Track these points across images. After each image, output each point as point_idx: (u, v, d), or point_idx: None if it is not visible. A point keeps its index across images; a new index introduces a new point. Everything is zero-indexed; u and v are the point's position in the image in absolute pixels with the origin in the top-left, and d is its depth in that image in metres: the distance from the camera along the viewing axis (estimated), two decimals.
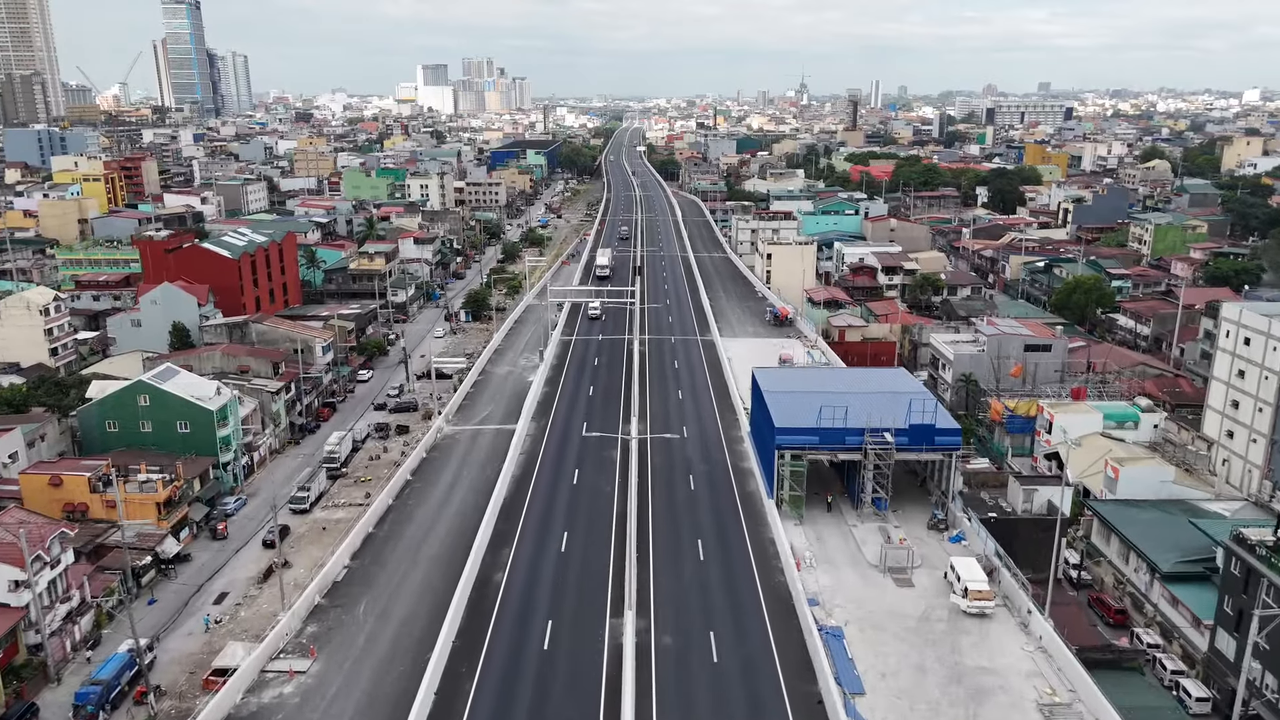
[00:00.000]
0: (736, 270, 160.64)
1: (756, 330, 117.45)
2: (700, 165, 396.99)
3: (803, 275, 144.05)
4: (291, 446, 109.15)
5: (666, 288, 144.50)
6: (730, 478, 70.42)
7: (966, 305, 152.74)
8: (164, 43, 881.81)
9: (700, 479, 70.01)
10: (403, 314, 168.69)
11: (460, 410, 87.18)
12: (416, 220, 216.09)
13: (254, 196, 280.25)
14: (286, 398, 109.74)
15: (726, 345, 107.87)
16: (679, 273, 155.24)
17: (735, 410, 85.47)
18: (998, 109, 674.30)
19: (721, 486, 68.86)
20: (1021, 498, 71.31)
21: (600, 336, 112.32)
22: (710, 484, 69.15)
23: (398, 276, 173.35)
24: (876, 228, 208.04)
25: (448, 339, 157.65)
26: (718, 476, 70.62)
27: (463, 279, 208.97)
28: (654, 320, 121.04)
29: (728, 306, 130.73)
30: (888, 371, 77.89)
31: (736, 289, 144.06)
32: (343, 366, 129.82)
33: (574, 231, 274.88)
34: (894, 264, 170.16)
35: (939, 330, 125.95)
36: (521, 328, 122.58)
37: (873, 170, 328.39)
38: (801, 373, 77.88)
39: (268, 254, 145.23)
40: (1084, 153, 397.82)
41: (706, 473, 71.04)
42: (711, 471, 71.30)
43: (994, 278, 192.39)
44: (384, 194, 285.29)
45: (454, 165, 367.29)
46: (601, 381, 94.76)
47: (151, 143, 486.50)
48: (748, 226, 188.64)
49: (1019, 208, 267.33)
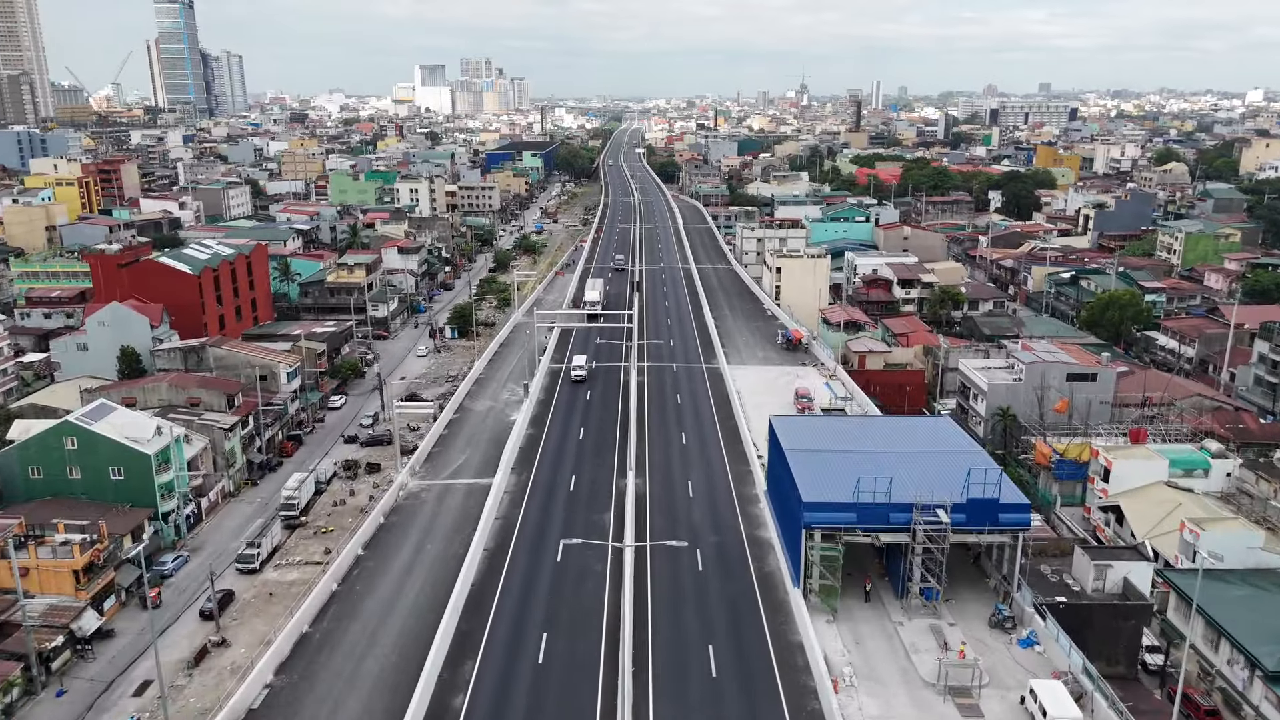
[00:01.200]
0: (743, 285, 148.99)
1: (767, 355, 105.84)
2: (701, 168, 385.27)
3: (816, 292, 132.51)
4: (248, 489, 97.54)
5: (667, 304, 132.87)
6: (745, 552, 58.85)
7: (991, 323, 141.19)
8: (156, 42, 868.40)
9: (710, 554, 58.39)
10: (384, 330, 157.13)
11: (430, 459, 75.49)
12: (403, 227, 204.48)
13: (236, 201, 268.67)
14: (243, 433, 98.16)
15: (734, 374, 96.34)
16: (681, 288, 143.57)
17: (747, 458, 73.92)
18: (1002, 110, 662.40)
19: (735, 565, 57.31)
20: (1092, 575, 59.85)
21: (594, 364, 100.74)
22: (722, 562, 57.56)
23: (379, 289, 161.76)
24: (889, 236, 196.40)
25: (430, 358, 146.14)
26: (730, 550, 59.03)
27: (451, 290, 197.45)
28: (654, 345, 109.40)
29: (734, 327, 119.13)
30: (929, 422, 66.23)
31: (743, 306, 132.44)
32: (312, 393, 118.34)
33: (570, 237, 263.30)
34: (911, 276, 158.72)
35: (967, 354, 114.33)
36: (508, 351, 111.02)
37: (880, 173, 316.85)
38: (827, 423, 66.29)
39: (234, 268, 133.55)
40: (1096, 155, 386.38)
41: (717, 546, 59.39)
42: (723, 544, 59.68)
43: (1015, 290, 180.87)
44: (372, 198, 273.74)
45: (447, 168, 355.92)
46: (594, 421, 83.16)
47: (138, 144, 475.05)
48: (753, 236, 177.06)
49: (1034, 213, 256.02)
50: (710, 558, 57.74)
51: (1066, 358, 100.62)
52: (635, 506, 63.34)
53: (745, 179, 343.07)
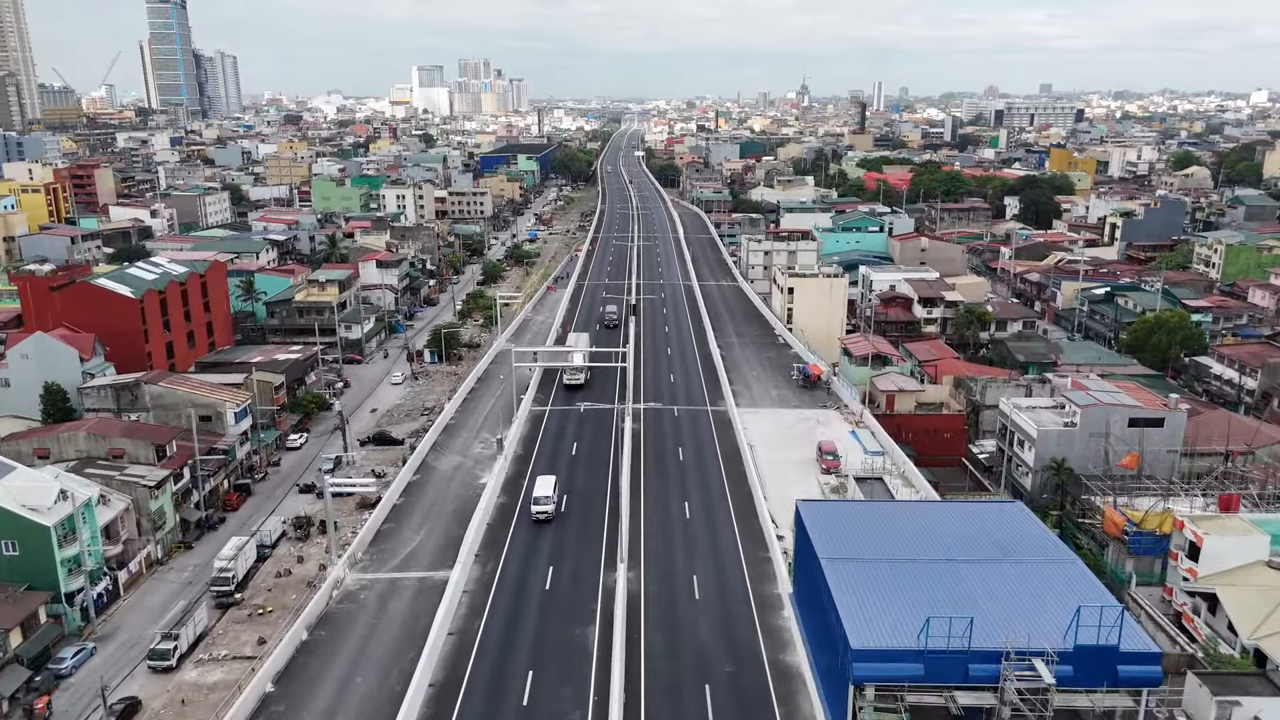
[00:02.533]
0: (750, 305, 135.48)
1: (782, 394, 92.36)
2: (702, 171, 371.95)
3: (833, 315, 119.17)
4: (181, 553, 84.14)
5: (668, 330, 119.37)
6: (769, 690, 45.38)
7: (1025, 348, 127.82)
8: (149, 43, 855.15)
9: (722, 695, 44.92)
10: (357, 353, 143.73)
11: (379, 540, 62.02)
12: (384, 238, 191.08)
13: (214, 208, 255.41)
14: (176, 488, 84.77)
15: (745, 420, 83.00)
16: (682, 310, 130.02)
17: (765, 540, 60.54)
18: (1008, 111, 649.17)
19: (756, 711, 43.86)
20: (1214, 713, 46.65)
21: (582, 407, 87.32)
22: (740, 708, 44.09)
23: (352, 309, 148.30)
24: (905, 247, 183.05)
25: (406, 386, 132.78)
26: (749, 688, 45.49)
27: (436, 305, 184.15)
28: (652, 381, 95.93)
29: (743, 357, 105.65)
30: (995, 510, 52.36)
31: (751, 332, 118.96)
32: (267, 432, 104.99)
33: (565, 246, 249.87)
34: (933, 294, 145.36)
35: (1006, 389, 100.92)
36: (486, 387, 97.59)
37: (889, 178, 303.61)
38: (868, 512, 52.52)
39: (185, 289, 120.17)
40: (1111, 158, 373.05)
41: (732, 682, 45.88)
42: (740, 678, 46.12)
43: (1042, 307, 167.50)
44: (357, 205, 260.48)
45: (439, 172, 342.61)
46: (580, 486, 69.69)
47: (123, 148, 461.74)
48: (760, 249, 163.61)
49: (1055, 221, 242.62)
50: (724, 701, 44.27)
51: (1127, 399, 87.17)
52: (627, 616, 49.94)
53: (748, 183, 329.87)
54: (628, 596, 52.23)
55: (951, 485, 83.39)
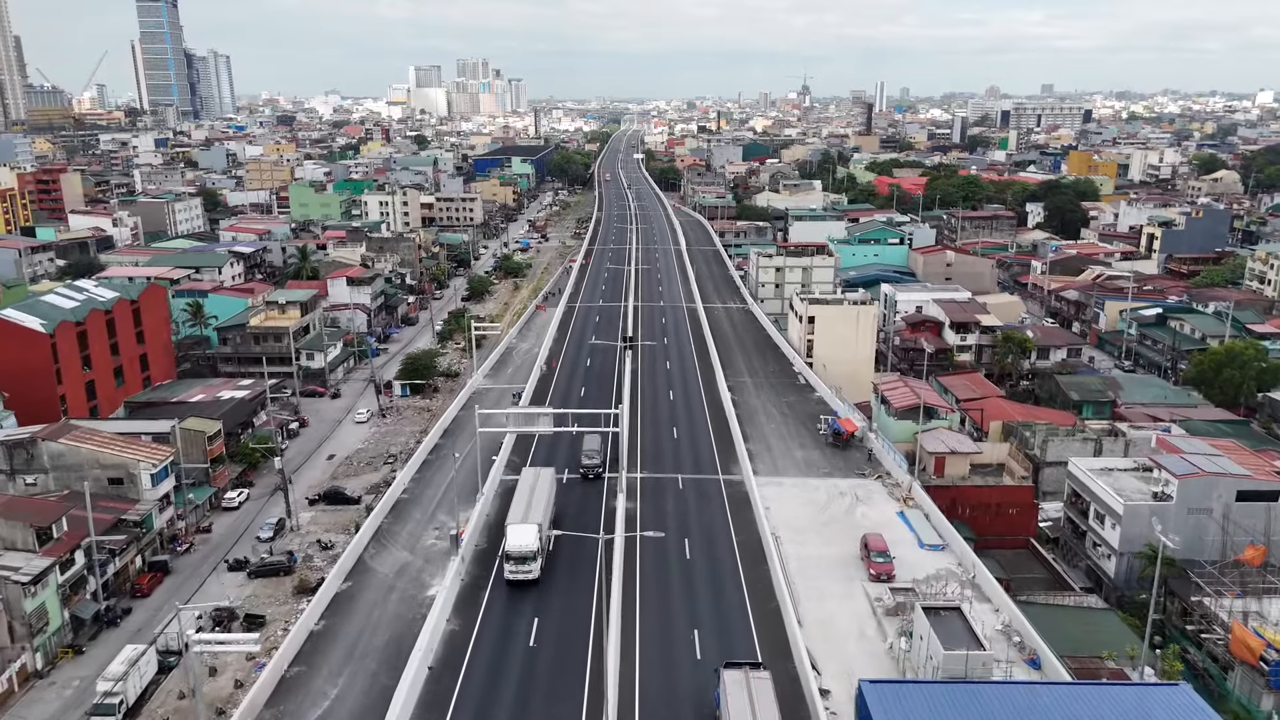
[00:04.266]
0: (762, 333, 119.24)
1: (808, 455, 76.24)
2: (704, 175, 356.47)
3: (860, 349, 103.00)
4: (68, 660, 68.14)
5: (669, 367, 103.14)
6: None
7: (1078, 384, 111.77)
8: (139, 43, 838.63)
9: None
10: (320, 385, 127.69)
11: (281, 691, 45.95)
12: (358, 251, 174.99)
13: (185, 215, 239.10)
14: (65, 578, 68.79)
15: (766, 494, 67.07)
16: (685, 341, 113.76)
17: (805, 694, 44.47)
18: (1017, 112, 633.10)
19: None
20: None
21: (565, 477, 71.33)
22: None
23: (315, 334, 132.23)
24: (929, 262, 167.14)
25: (372, 425, 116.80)
26: None
27: (416, 324, 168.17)
28: (652, 438, 79.79)
29: (759, 404, 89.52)
30: (1151, 699, 36.25)
31: (766, 368, 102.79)
32: (199, 490, 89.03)
33: (559, 255, 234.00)
34: (966, 318, 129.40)
35: (1069, 442, 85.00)
36: (452, 443, 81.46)
37: (902, 182, 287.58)
38: (969, 701, 36.35)
39: (112, 318, 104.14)
40: (1131, 161, 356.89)
41: None
42: None
43: (1082, 328, 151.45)
44: (337, 212, 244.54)
45: (428, 175, 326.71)
46: (555, 605, 53.72)
47: (104, 150, 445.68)
48: (771, 265, 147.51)
49: (1083, 230, 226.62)
50: None
51: (1232, 465, 71.20)
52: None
53: (752, 188, 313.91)
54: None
55: (1020, 575, 67.37)
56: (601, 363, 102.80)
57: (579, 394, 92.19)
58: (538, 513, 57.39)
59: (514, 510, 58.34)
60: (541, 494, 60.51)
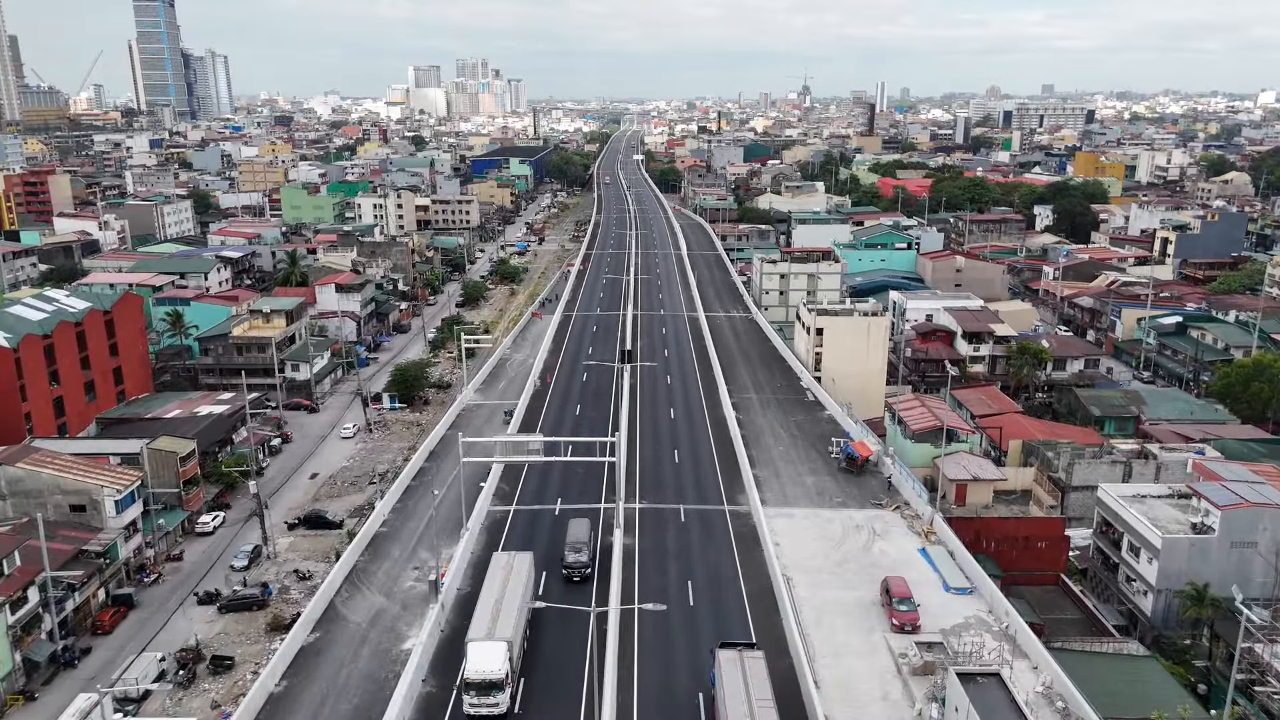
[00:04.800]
0: (767, 345, 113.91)
1: (819, 482, 70.90)
2: (704, 177, 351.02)
3: (869, 361, 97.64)
4: (20, 707, 62.84)
5: (670, 381, 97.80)
6: None
7: (1099, 399, 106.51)
8: (136, 43, 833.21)
9: None
10: (306, 398, 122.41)
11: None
12: (349, 256, 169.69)
13: (175, 218, 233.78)
14: (16, 617, 63.50)
15: (775, 526, 61.89)
16: (687, 353, 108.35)
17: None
18: (1021, 112, 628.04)
19: None
20: None
21: (558, 508, 66.04)
22: None
23: (301, 343, 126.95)
24: (938, 268, 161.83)
25: (359, 441, 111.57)
26: None
27: (408, 331, 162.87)
28: (652, 462, 74.43)
29: (765, 423, 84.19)
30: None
31: (772, 382, 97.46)
32: (170, 515, 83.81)
33: (557, 259, 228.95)
34: (980, 328, 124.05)
35: (1095, 465, 79.71)
36: (438, 467, 76.28)
37: (907, 184, 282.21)
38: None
39: (82, 331, 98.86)
40: (1139, 162, 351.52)
41: None
42: None
43: (1097, 337, 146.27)
44: (330, 215, 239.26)
45: (424, 177, 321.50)
46: (544, 658, 48.38)
47: (97, 151, 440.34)
48: (775, 271, 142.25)
49: (1093, 233, 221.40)
50: None
51: (1279, 494, 65.92)
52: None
53: (754, 189, 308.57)
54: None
55: (1052, 616, 62.06)
56: (598, 378, 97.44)
57: (574, 413, 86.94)
58: (507, 624, 45.62)
59: (477, 619, 46.26)
60: (515, 594, 48.45)
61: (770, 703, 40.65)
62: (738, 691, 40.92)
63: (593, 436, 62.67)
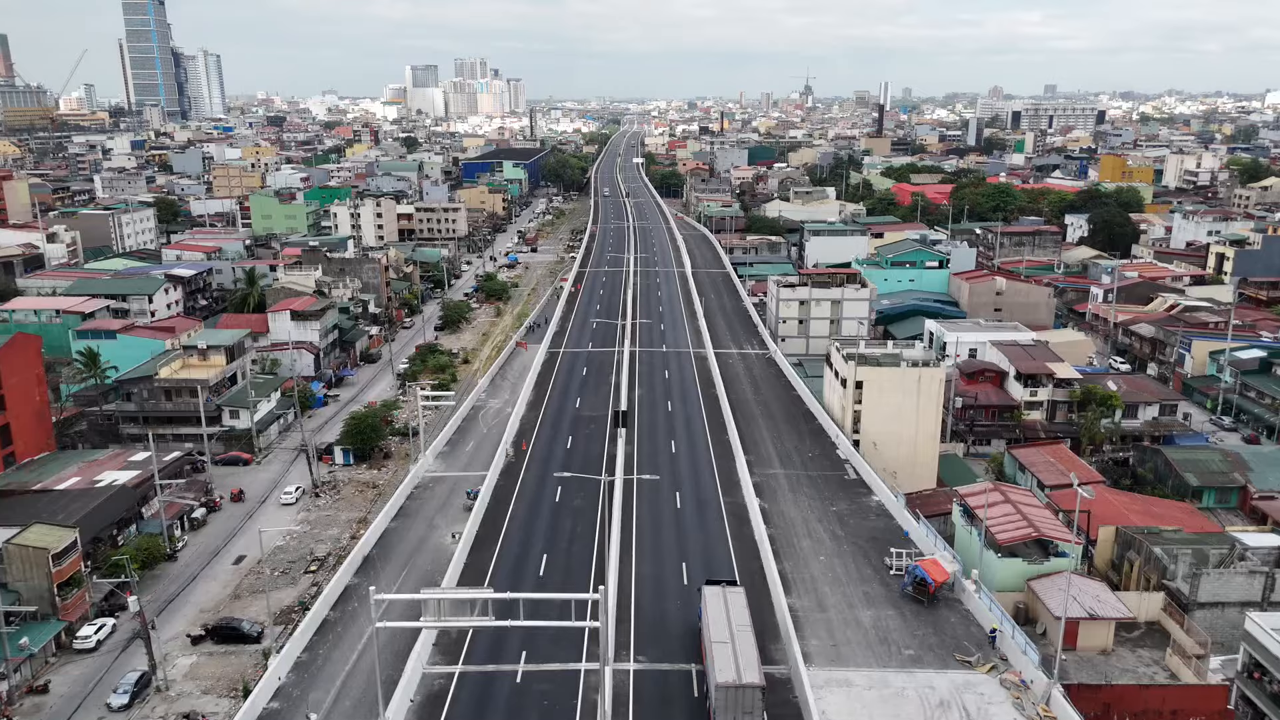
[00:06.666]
0: (790, 394, 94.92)
1: (880, 621, 52.26)
2: (708, 181, 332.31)
3: (920, 423, 79.19)
4: None
5: (675, 449, 78.95)
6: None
7: (1194, 461, 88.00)
8: (125, 41, 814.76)
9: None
10: (247, 450, 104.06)
11: None
12: (313, 275, 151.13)
13: (136, 228, 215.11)
14: None
15: (828, 703, 43.46)
16: (694, 410, 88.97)
17: None
18: (1037, 112, 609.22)
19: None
20: None
21: (520, 673, 47.62)
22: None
23: (241, 386, 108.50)
24: (975, 291, 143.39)
25: (302, 507, 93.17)
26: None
27: (378, 361, 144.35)
28: (652, 590, 56.02)
29: (798, 516, 65.66)
30: None
31: (801, 451, 78.77)
32: (37, 630, 65.44)
33: (550, 273, 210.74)
34: (1037, 368, 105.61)
35: (1230, 577, 61.23)
36: (374, 573, 57.90)
37: (926, 190, 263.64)
38: None
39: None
40: (1166, 165, 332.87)
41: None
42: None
43: (1160, 371, 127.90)
44: (303, 225, 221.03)
45: (412, 182, 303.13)
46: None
47: (72, 153, 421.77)
48: (794, 298, 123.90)
49: (1134, 246, 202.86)
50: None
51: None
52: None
53: (760, 195, 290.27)
54: None
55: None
56: (586, 445, 79.05)
57: (551, 501, 68.37)
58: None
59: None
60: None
61: (749, 627, 45.35)
62: (720, 617, 45.97)
63: (567, 593, 44.05)
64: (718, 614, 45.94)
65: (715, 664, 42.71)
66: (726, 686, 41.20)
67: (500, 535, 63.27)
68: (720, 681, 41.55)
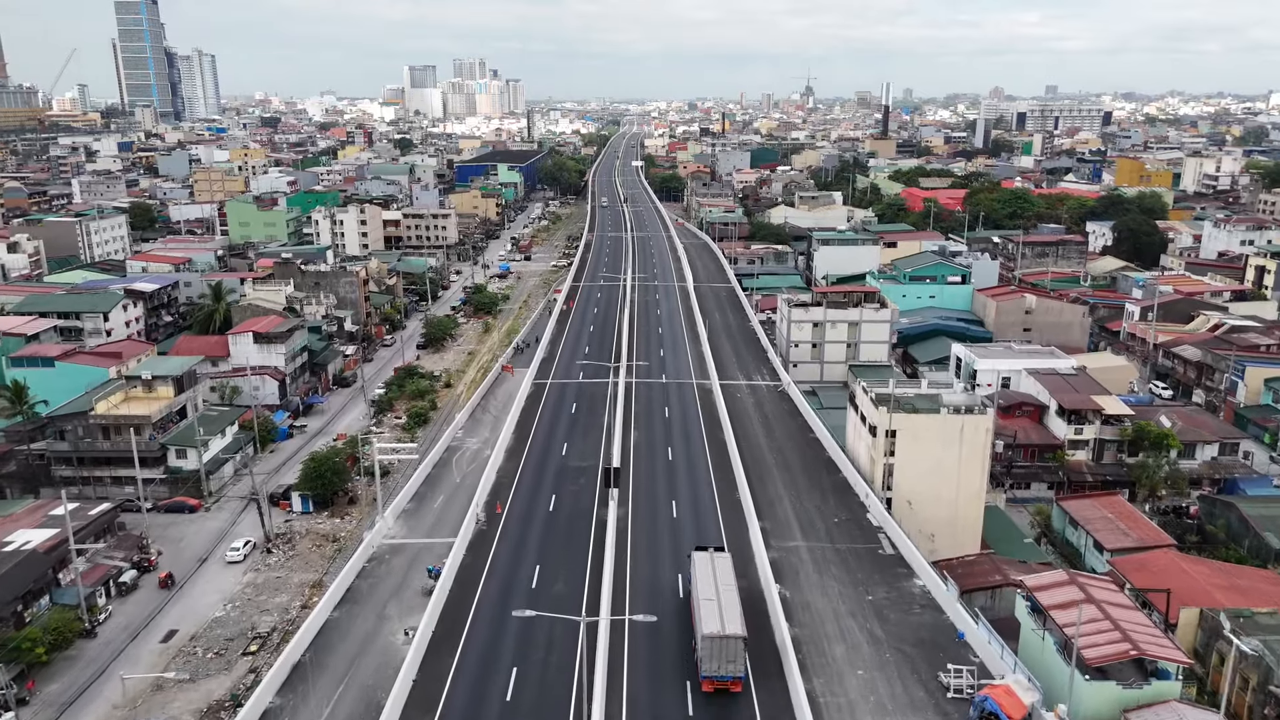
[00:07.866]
0: (808, 438, 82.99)
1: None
2: (709, 185, 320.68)
3: (963, 479, 67.60)
4: None
5: (676, 515, 66.85)
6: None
7: (1272, 518, 76.34)
8: (118, 41, 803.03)
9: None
10: (194, 496, 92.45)
11: None
12: (284, 290, 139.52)
13: (105, 236, 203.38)
14: None
15: None
16: (699, 461, 76.72)
17: None
18: (1043, 113, 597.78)
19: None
20: None
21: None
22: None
23: (188, 423, 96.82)
24: (1003, 309, 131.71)
25: (249, 566, 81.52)
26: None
27: (352, 385, 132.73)
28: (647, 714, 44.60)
29: (825, 607, 53.93)
30: None
31: (825, 516, 66.91)
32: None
33: (544, 283, 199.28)
34: (1082, 403, 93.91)
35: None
36: (317, 667, 46.37)
37: (939, 195, 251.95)
38: None
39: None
40: (1184, 169, 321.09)
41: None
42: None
43: (1207, 399, 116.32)
44: (283, 233, 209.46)
45: (402, 185, 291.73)
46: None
47: (54, 155, 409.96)
48: (806, 319, 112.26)
49: (1162, 256, 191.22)
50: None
51: None
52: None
53: (763, 199, 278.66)
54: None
55: None
56: (572, 507, 67.36)
57: (527, 588, 56.59)
58: None
59: None
60: None
61: (733, 586, 49.66)
62: (708, 579, 50.15)
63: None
64: (705, 576, 50.39)
65: (702, 618, 46.22)
66: (712, 637, 44.42)
67: (463, 635, 51.61)
68: (706, 632, 44.86)
